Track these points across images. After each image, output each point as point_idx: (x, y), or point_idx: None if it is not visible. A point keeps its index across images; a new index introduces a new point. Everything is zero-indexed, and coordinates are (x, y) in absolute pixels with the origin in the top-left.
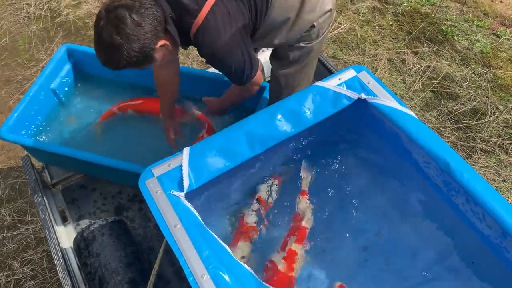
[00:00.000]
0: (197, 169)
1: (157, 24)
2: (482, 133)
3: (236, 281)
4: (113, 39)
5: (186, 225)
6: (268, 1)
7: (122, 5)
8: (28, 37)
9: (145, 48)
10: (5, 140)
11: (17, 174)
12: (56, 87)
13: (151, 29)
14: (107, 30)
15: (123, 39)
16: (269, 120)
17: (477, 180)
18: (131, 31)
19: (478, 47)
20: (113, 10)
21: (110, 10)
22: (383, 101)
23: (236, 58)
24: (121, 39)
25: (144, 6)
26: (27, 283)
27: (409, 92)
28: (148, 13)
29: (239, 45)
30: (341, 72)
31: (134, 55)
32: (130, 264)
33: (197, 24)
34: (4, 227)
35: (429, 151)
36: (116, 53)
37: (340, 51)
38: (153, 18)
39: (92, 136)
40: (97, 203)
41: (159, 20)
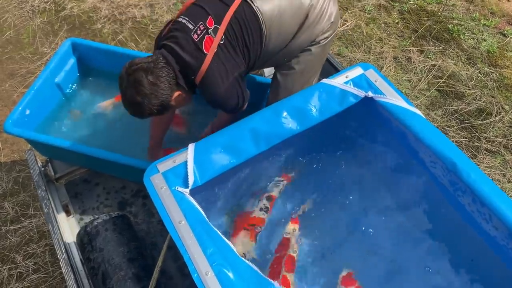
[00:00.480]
0: (202, 166)
1: (170, 80)
2: (488, 133)
3: (240, 278)
4: (135, 98)
5: (191, 222)
6: (262, 41)
7: (139, 68)
8: (32, 30)
9: (163, 102)
10: (9, 134)
11: (20, 167)
12: (60, 81)
13: (166, 85)
14: (129, 91)
15: (143, 98)
16: (275, 117)
17: (484, 181)
18: (149, 90)
19: (485, 46)
20: (132, 73)
21: (130, 73)
22: (390, 100)
23: (233, 99)
24: (142, 98)
25: (158, 67)
26: (29, 276)
27: (414, 91)
28: (162, 73)
29: (235, 90)
30: (348, 70)
31: (155, 108)
32: (133, 260)
33: (198, 78)
34: (7, 221)
35: (436, 151)
36: (140, 108)
37: (345, 48)
38: (167, 75)
39: (96, 129)
40: (100, 197)
41: (171, 77)
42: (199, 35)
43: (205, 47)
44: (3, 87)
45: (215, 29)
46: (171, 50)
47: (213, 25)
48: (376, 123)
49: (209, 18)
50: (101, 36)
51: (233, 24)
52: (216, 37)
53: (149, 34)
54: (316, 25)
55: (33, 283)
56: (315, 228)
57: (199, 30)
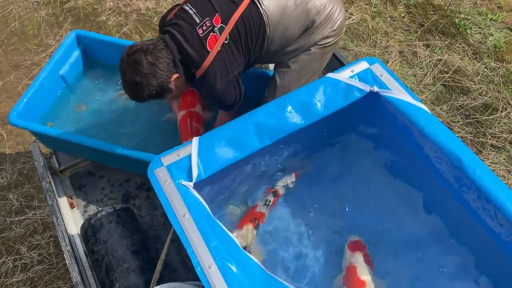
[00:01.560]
0: (206, 159)
1: (169, 61)
2: (493, 129)
3: (244, 272)
4: (134, 79)
5: (195, 215)
6: (264, 44)
7: (139, 49)
8: (37, 22)
9: (161, 82)
10: (14, 126)
11: (25, 159)
12: (65, 73)
13: (165, 66)
14: (128, 72)
15: (141, 77)
16: (279, 111)
17: (490, 177)
18: (148, 70)
19: (491, 41)
20: (132, 54)
21: (129, 54)
22: (396, 95)
23: (229, 97)
24: (140, 78)
25: (157, 48)
26: (34, 267)
27: (420, 86)
28: (161, 54)
29: (233, 88)
30: (353, 64)
31: (153, 89)
32: (137, 252)
33: (199, 73)
34: (12, 212)
35: (441, 147)
36: (139, 89)
37: (351, 42)
38: (165, 57)
39: (100, 122)
40: (104, 190)
41: (170, 58)
42: (205, 31)
43: (209, 45)
44: (8, 79)
45: (221, 28)
46: (175, 38)
47: (219, 24)
48: (382, 118)
49: (216, 16)
50: (106, 28)
51: (239, 25)
52: (221, 36)
53: (153, 26)
54: (319, 31)
55: (37, 274)
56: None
57: (204, 26)
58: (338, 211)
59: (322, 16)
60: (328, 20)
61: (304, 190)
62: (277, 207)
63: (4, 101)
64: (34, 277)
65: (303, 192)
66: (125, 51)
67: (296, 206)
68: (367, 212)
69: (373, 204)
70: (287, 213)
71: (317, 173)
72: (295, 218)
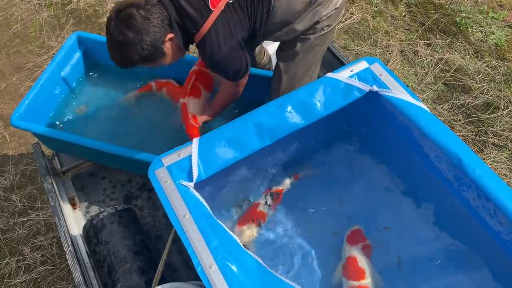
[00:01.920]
0: (206, 160)
1: (163, 18)
2: (495, 127)
3: (244, 271)
4: (124, 35)
5: (195, 215)
6: (269, 11)
7: (130, 4)
8: (39, 24)
9: (155, 41)
10: (16, 127)
11: (28, 160)
12: (66, 75)
13: (159, 22)
14: (118, 28)
15: (134, 33)
16: (279, 111)
17: (490, 176)
18: (141, 24)
19: (493, 40)
20: (122, 9)
21: (120, 10)
22: (396, 94)
23: (233, 64)
24: (132, 33)
25: (150, 3)
26: (37, 268)
27: (421, 85)
28: (154, 9)
29: (237, 54)
30: (353, 64)
31: (146, 48)
32: (138, 253)
33: (199, 35)
34: (15, 213)
35: (441, 146)
36: (128, 49)
37: (351, 42)
38: (159, 13)
39: (102, 123)
40: (106, 191)
41: (165, 16)
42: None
43: (211, 3)
44: (10, 81)
45: None
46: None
47: None
48: (381, 118)
49: None
50: None
51: None
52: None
53: None
54: (322, 7)
55: (40, 275)
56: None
57: None
58: (338, 211)
59: None
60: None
61: (305, 191)
62: (279, 207)
63: (7, 103)
64: (37, 278)
65: (304, 193)
66: (112, 10)
67: (297, 206)
68: (367, 212)
69: (373, 203)
70: (288, 213)
71: (317, 173)
72: (296, 219)
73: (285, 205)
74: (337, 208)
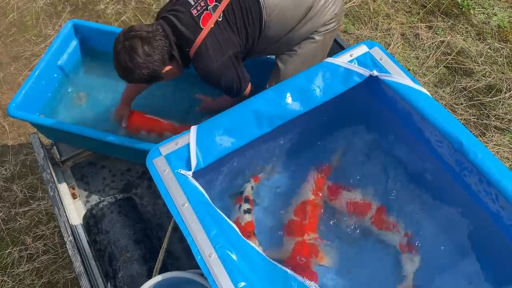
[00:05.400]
0: (205, 148)
1: (164, 53)
2: (497, 110)
3: (244, 260)
4: (126, 64)
5: (194, 204)
6: (261, 27)
7: (137, 36)
8: (35, 12)
9: (153, 73)
10: (13, 117)
11: (27, 150)
12: (63, 64)
13: (159, 58)
14: (123, 55)
15: (135, 66)
16: (278, 98)
17: (491, 160)
18: (142, 60)
19: (495, 21)
20: (130, 39)
21: (127, 38)
22: (396, 78)
23: (226, 79)
24: (133, 66)
25: (155, 38)
26: (39, 257)
27: (422, 68)
28: (158, 44)
29: (230, 69)
30: (352, 48)
31: (143, 77)
32: (139, 241)
33: (192, 51)
34: (16, 203)
35: (442, 130)
36: (129, 73)
37: (352, 26)
38: (162, 48)
39: (100, 112)
40: (106, 180)
41: (166, 50)
42: (199, 10)
43: (202, 22)
44: (8, 70)
45: (215, 6)
46: (170, 22)
47: (213, 2)
48: (381, 103)
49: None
50: (105, 17)
51: (234, 4)
52: (214, 13)
53: (152, 14)
54: (319, 17)
55: (43, 264)
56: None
57: (199, 6)
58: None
59: (320, 3)
60: (326, 6)
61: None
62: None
63: (5, 92)
64: (40, 267)
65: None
66: (122, 33)
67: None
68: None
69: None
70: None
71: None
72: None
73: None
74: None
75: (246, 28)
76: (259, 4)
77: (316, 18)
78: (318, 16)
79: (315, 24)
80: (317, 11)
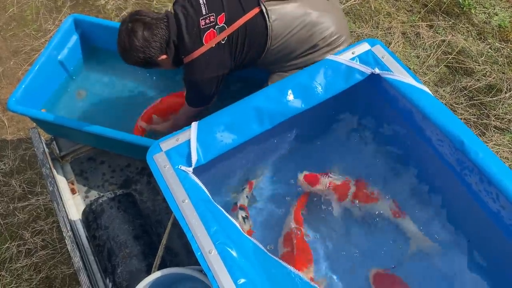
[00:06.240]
0: (205, 144)
1: (163, 42)
2: (497, 110)
3: (244, 256)
4: (125, 44)
5: (194, 200)
6: (261, 54)
7: (141, 20)
8: (35, 7)
9: (149, 58)
10: (13, 112)
11: (26, 145)
12: (63, 59)
13: (157, 46)
14: (124, 36)
15: (132, 48)
16: (279, 95)
17: (492, 160)
18: (139, 44)
19: (496, 21)
20: (133, 21)
21: (131, 20)
22: (397, 77)
23: (202, 92)
24: (130, 47)
25: (158, 26)
26: (38, 252)
27: (423, 67)
28: (158, 32)
29: (210, 86)
30: (354, 46)
31: (139, 60)
32: (138, 237)
33: (187, 60)
34: (14, 198)
35: (443, 129)
36: (126, 54)
37: (353, 24)
38: (161, 37)
39: (100, 107)
40: (105, 175)
41: (165, 38)
42: (206, 24)
43: (205, 38)
44: (7, 65)
45: (222, 28)
46: (178, 20)
47: (222, 23)
48: (383, 101)
49: (222, 15)
50: (105, 13)
51: (241, 31)
52: (219, 35)
53: (153, 9)
54: (319, 54)
55: (41, 259)
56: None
57: (208, 20)
58: None
59: (326, 42)
60: (331, 46)
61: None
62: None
63: (5, 87)
64: (38, 262)
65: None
66: (130, 14)
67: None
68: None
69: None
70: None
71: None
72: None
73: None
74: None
75: (244, 56)
76: (265, 33)
77: (316, 55)
78: (318, 54)
79: (313, 59)
80: (318, 50)
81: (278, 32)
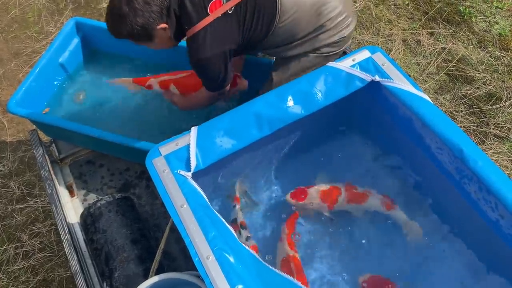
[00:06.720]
0: (205, 149)
1: (163, 8)
2: (497, 118)
3: (241, 263)
4: (121, 8)
5: (193, 206)
6: (268, 31)
7: None
8: (37, 9)
9: (147, 25)
10: (13, 114)
11: (26, 147)
12: (64, 61)
13: (157, 10)
14: (119, 0)
15: (130, 11)
16: (279, 101)
17: (492, 168)
18: (139, 6)
19: (497, 29)
20: None
21: None
22: (398, 84)
23: (212, 71)
24: (128, 10)
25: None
26: (35, 255)
27: (423, 75)
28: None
29: (219, 64)
30: (355, 53)
31: (136, 28)
32: (136, 241)
33: (190, 33)
34: (13, 200)
35: (443, 137)
36: (120, 22)
37: (354, 31)
38: (161, 2)
39: (100, 111)
40: (104, 179)
41: (166, 6)
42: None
43: (210, 8)
44: (8, 67)
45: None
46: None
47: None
48: (382, 108)
49: None
50: None
51: (249, 2)
52: (226, 4)
53: None
54: (325, 36)
55: (38, 262)
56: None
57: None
58: None
59: (333, 23)
60: (338, 28)
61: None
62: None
63: (5, 89)
64: (35, 265)
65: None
66: None
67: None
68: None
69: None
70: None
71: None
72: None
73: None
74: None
75: (252, 30)
76: (274, 10)
77: (322, 37)
78: (324, 36)
79: (319, 41)
80: (327, 30)
81: (287, 7)
